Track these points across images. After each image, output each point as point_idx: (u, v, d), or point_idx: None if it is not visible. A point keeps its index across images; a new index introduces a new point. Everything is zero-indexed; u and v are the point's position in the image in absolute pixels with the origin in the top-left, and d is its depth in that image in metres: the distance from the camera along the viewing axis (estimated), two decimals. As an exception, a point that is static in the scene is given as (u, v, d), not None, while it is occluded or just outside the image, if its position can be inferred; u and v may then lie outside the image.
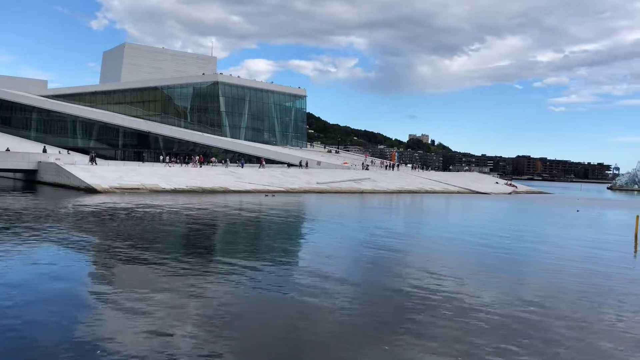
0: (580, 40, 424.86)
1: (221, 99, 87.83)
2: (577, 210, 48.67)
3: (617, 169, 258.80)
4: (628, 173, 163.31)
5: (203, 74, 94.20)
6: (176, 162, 63.52)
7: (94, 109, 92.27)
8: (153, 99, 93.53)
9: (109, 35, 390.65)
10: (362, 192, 60.72)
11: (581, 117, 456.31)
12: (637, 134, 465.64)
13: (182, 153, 75.73)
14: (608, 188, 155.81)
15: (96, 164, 54.19)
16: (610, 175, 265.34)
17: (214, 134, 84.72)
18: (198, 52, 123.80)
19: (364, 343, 9.58)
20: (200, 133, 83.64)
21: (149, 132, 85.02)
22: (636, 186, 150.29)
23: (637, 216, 28.90)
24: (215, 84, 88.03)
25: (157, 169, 55.21)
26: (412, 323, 10.74)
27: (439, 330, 10.33)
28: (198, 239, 21.97)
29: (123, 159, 76.53)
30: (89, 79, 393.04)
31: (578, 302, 13.26)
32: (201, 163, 64.19)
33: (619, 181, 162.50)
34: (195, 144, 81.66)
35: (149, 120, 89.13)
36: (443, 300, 12.63)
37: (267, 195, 47.96)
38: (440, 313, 11.55)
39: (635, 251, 23.49)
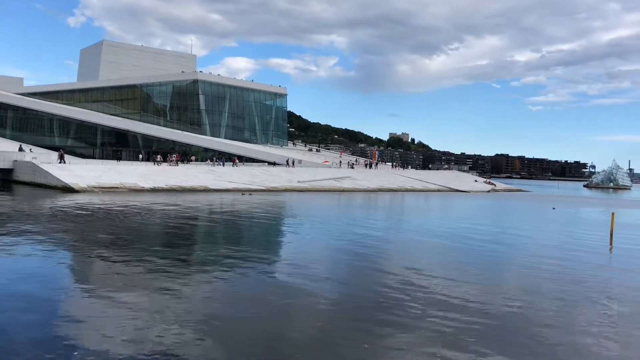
0: (557, 40, 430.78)
1: (201, 97, 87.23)
2: (553, 208, 49.40)
3: (594, 167, 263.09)
4: (604, 171, 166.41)
5: (182, 72, 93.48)
6: (164, 161, 62.68)
7: (72, 107, 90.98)
8: (132, 97, 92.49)
9: (86, 32, 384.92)
10: (342, 191, 60.86)
11: (558, 116, 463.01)
12: (612, 132, 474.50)
13: (162, 152, 75.03)
14: (584, 186, 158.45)
15: (64, 162, 53.30)
16: (586, 174, 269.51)
17: (194, 133, 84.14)
18: (177, 50, 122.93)
19: (345, 341, 9.62)
20: (179, 131, 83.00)
21: (128, 131, 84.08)
22: (611, 184, 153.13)
23: (612, 213, 29.46)
24: (195, 82, 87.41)
25: (136, 168, 54.67)
26: (392, 321, 10.82)
27: (420, 328, 10.41)
28: (176, 239, 21.82)
29: (101, 158, 75.58)
30: (66, 77, 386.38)
31: (553, 298, 13.47)
32: (178, 161, 63.51)
33: (595, 179, 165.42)
34: (174, 142, 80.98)
35: (127, 118, 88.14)
36: (423, 298, 12.74)
37: (243, 194, 47.68)
38: (421, 311, 11.64)
39: (611, 248, 23.92)
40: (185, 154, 76.09)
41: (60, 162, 52.53)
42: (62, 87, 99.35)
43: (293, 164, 72.76)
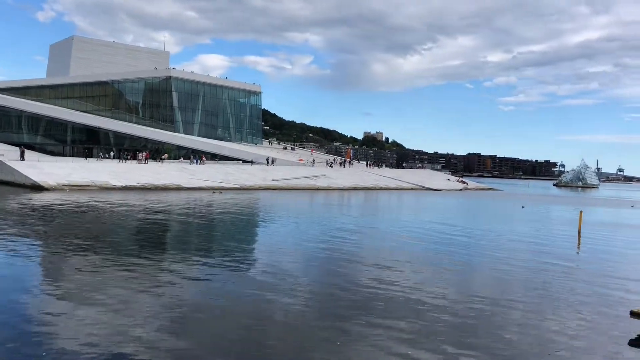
0: (528, 41, 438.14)
1: (174, 95, 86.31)
2: (522, 207, 50.24)
3: (563, 166, 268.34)
4: (573, 170, 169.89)
5: (155, 68, 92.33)
6: (133, 159, 61.68)
7: (41, 104, 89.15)
8: (103, 94, 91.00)
9: (56, 27, 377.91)
10: (317, 189, 60.91)
11: (529, 116, 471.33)
12: (581, 132, 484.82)
13: (134, 149, 74.05)
14: (554, 185, 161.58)
15: (24, 159, 52.21)
16: (556, 172, 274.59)
17: (167, 130, 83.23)
18: (151, 47, 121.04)
19: (318, 339, 9.63)
20: (152, 129, 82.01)
21: (99, 128, 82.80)
22: (580, 183, 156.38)
23: (581, 212, 30.10)
24: (168, 79, 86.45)
25: (108, 166, 53.84)
26: (364, 319, 10.87)
27: (392, 326, 10.49)
28: (148, 238, 21.57)
29: (72, 156, 74.29)
30: (35, 73, 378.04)
31: (522, 297, 13.70)
32: (147, 159, 62.54)
33: (565, 178, 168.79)
34: (147, 140, 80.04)
35: (99, 115, 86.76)
36: (395, 296, 12.83)
37: (214, 192, 47.36)
38: (393, 308, 11.73)
39: (579, 245, 24.43)
40: (158, 151, 75.26)
41: (20, 160, 51.45)
42: (31, 83, 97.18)
43: (273, 163, 72.67)
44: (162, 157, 68.54)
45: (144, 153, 65.56)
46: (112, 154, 70.85)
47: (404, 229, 27.83)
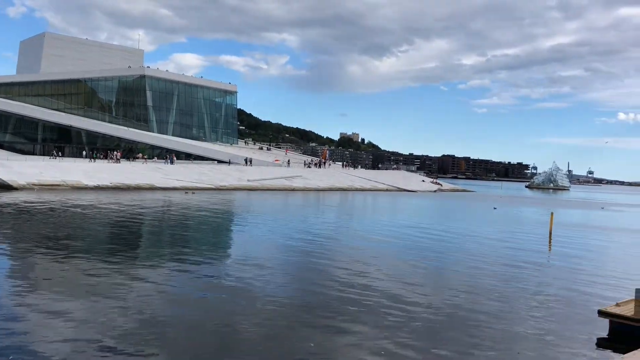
0: (502, 44, 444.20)
1: (148, 93, 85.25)
2: (494, 208, 50.92)
3: (535, 168, 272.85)
4: (544, 172, 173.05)
5: (129, 67, 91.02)
6: (104, 158, 60.49)
7: (11, 101, 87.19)
8: (76, 92, 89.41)
9: (27, 23, 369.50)
10: (293, 190, 60.83)
11: (502, 119, 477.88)
12: (553, 135, 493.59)
13: (106, 148, 72.94)
14: (526, 186, 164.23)
15: None
16: (528, 174, 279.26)
17: (141, 129, 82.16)
18: (125, 45, 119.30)
19: (291, 341, 9.61)
20: (125, 128, 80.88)
21: (71, 127, 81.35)
22: (552, 185, 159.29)
23: (552, 213, 30.63)
24: (142, 77, 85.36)
25: (80, 165, 52.93)
26: (338, 320, 10.88)
27: (366, 326, 10.52)
28: (118, 238, 21.26)
29: (42, 154, 72.82)
30: (4, 69, 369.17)
31: (494, 295, 13.88)
32: (119, 159, 61.54)
33: (537, 180, 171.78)
34: (120, 139, 78.91)
35: (71, 113, 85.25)
36: (369, 296, 12.87)
37: (186, 193, 46.64)
38: (367, 308, 11.76)
39: (550, 246, 24.84)
40: (132, 150, 74.29)
41: None
42: (1, 80, 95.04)
43: (251, 163, 72.44)
44: (137, 156, 67.56)
45: (117, 152, 64.55)
46: (84, 153, 69.60)
47: (378, 230, 27.95)
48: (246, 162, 71.80)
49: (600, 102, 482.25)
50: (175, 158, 66.89)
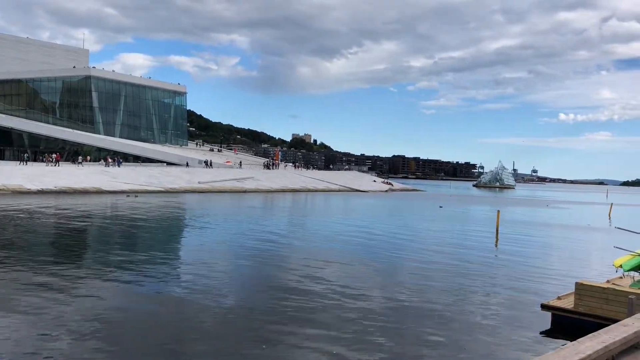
0: (449, 47, 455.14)
1: (94, 94, 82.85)
2: (440, 207, 51.97)
3: (482, 167, 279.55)
4: (491, 171, 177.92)
5: (74, 67, 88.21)
6: (40, 161, 57.90)
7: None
8: (16, 93, 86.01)
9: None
10: (245, 192, 60.37)
11: (450, 119, 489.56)
12: (498, 135, 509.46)
13: (50, 151, 70.43)
14: (474, 185, 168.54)
15: None
16: (476, 174, 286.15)
17: (86, 131, 79.75)
18: (69, 44, 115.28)
19: (242, 344, 9.53)
20: (70, 130, 78.36)
21: (12, 129, 78.19)
22: (498, 183, 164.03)
23: (498, 211, 31.51)
24: (88, 78, 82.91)
25: (22, 168, 50.94)
26: (289, 322, 10.86)
27: (317, 328, 10.54)
28: (60, 245, 20.55)
29: (-19, 158, 69.71)
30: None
31: (441, 292, 14.17)
32: (58, 161, 59.07)
33: (483, 179, 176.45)
34: (65, 141, 76.42)
35: (11, 115, 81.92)
36: (320, 298, 12.90)
37: (128, 196, 44.58)
38: (319, 310, 11.79)
39: (496, 243, 25.56)
40: (77, 153, 72.02)
41: None
42: None
43: (211, 165, 71.62)
44: (80, 159, 65.06)
45: (55, 155, 61.99)
46: (26, 156, 66.90)
47: (330, 230, 28.07)
48: (206, 164, 71.08)
49: (543, 103, 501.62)
50: (109, 160, 64.67)
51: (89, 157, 68.53)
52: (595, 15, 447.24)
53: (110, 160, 64.38)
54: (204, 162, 71.84)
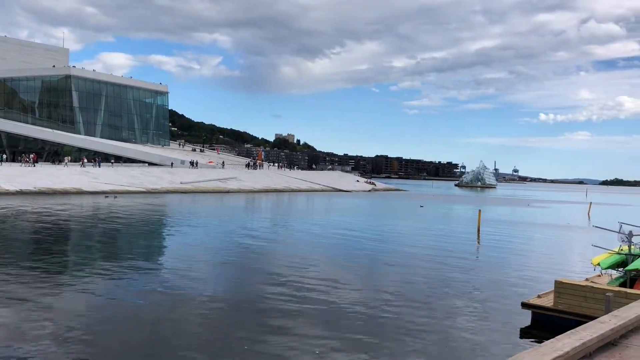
0: (430, 48, 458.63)
1: (74, 94, 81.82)
2: (421, 206, 52.24)
3: (464, 167, 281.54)
4: (472, 171, 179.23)
5: (53, 66, 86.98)
6: (13, 161, 56.62)
7: None
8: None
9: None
10: (228, 192, 60.11)
11: (432, 119, 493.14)
12: (480, 135, 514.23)
13: (30, 151, 69.39)
14: (456, 185, 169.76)
15: None
16: (458, 173, 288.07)
17: (67, 131, 78.70)
18: (48, 43, 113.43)
19: (224, 342, 9.50)
20: (50, 130, 77.28)
21: (-10, 129, 76.92)
22: (479, 183, 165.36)
23: (479, 210, 31.83)
24: (68, 77, 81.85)
25: (1, 169, 50.09)
26: (271, 320, 10.86)
27: (297, 326, 10.55)
28: (42, 247, 20.30)
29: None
30: None
31: (423, 292, 14.27)
32: (35, 162, 58.06)
33: (465, 179, 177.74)
34: (44, 141, 75.37)
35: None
36: (303, 298, 12.91)
37: (107, 197, 43.73)
38: (301, 311, 11.80)
39: (478, 242, 25.81)
40: (57, 153, 71.11)
41: None
42: None
43: (197, 165, 71.32)
44: (66, 160, 63.89)
45: (32, 155, 60.95)
46: (4, 156, 65.77)
47: (313, 230, 28.08)
48: (192, 165, 70.78)
49: (523, 104, 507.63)
50: (85, 160, 63.76)
51: (70, 158, 67.67)
52: (573, 17, 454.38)
53: (85, 160, 63.51)
54: (190, 162, 71.48)
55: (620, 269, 12.19)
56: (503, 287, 15.22)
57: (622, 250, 12.49)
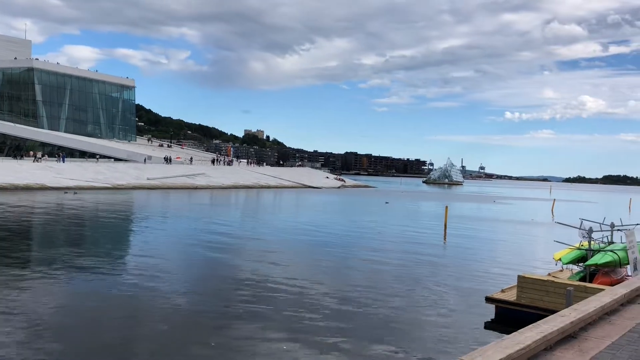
0: (399, 46, 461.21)
1: (37, 87, 79.75)
2: (386, 202, 52.62)
3: (432, 164, 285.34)
4: (440, 168, 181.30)
5: (15, 58, 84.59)
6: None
7: None
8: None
9: None
10: (196, 188, 59.53)
11: (401, 117, 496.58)
12: (448, 132, 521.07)
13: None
14: (423, 182, 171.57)
15: None
16: (426, 170, 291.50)
17: (29, 125, 76.64)
18: (9, 34, 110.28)
19: (191, 341, 9.41)
20: (11, 124, 75.10)
21: (-54, 122, 74.37)
22: (447, 180, 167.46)
23: (446, 207, 32.25)
24: (30, 70, 79.73)
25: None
26: (238, 318, 10.81)
27: (265, 324, 10.53)
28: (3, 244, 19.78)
29: None
30: None
31: (390, 287, 14.41)
32: None
33: (433, 175, 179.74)
34: (5, 135, 73.23)
35: (-54, 108, 77.95)
36: (271, 293, 12.89)
37: (66, 192, 42.91)
38: (267, 307, 11.77)
39: (445, 238, 26.16)
40: (19, 148, 69.24)
41: None
42: None
43: (170, 161, 70.33)
44: (39, 155, 62.12)
45: None
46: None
47: (282, 227, 28.06)
48: (165, 160, 69.86)
49: (489, 102, 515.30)
50: (39, 154, 62.22)
51: (31, 152, 65.97)
52: (537, 17, 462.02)
53: (39, 154, 61.87)
54: (164, 158, 70.59)
55: (581, 264, 12.50)
56: (468, 282, 15.47)
57: (582, 245, 12.81)
